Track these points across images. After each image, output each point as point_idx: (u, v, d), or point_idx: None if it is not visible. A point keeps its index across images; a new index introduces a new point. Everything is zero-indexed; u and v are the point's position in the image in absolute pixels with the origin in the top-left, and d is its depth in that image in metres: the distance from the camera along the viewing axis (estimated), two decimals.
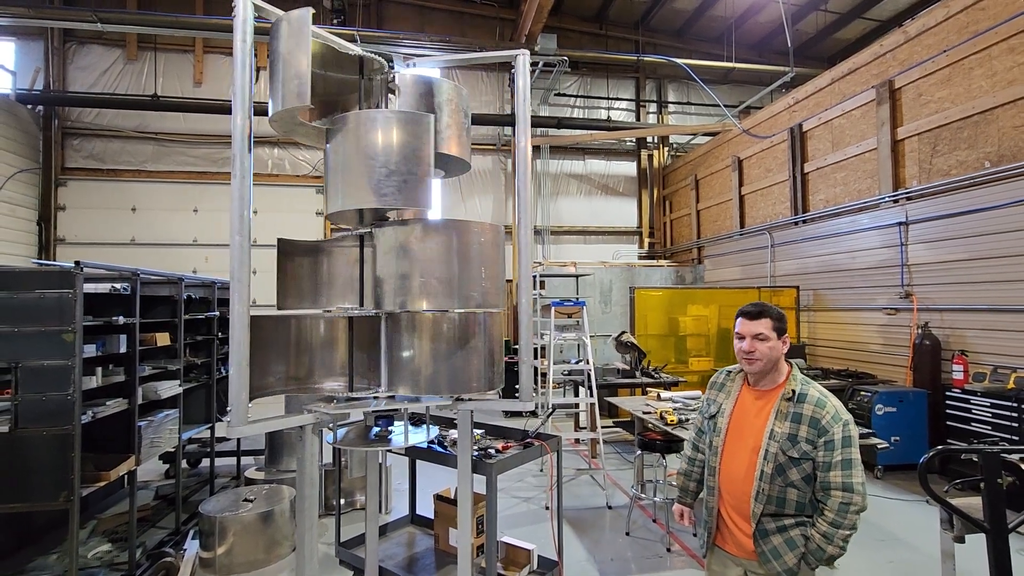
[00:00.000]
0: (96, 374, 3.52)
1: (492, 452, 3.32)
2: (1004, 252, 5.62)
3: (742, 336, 2.17)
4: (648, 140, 13.60)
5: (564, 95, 12.95)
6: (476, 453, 3.21)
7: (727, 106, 11.28)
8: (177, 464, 4.64)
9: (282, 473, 5.15)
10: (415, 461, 4.22)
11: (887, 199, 7.11)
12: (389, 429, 2.49)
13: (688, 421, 4.52)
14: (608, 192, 13.48)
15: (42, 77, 10.55)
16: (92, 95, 10.56)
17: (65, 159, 10.73)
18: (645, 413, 4.91)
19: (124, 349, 3.79)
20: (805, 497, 2.04)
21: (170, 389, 4.31)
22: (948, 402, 5.79)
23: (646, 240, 13.50)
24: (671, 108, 13.80)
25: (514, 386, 3.28)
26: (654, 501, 4.95)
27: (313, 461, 2.21)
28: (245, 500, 4.23)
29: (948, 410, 5.78)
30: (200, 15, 10.78)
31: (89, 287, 3.62)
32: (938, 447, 2.53)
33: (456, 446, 3.26)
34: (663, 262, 12.58)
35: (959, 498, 2.51)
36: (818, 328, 8.38)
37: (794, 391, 2.09)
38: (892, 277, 6.97)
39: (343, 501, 5.05)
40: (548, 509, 5.17)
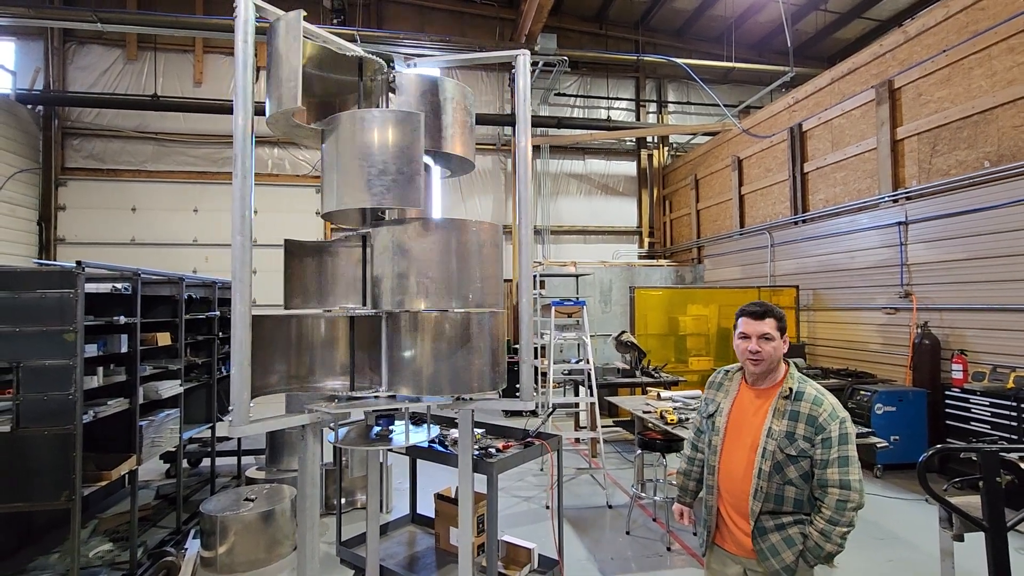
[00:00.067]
0: (97, 374, 3.53)
1: (493, 451, 3.33)
2: (1003, 252, 5.63)
3: (746, 335, 2.15)
4: (648, 140, 13.60)
5: (564, 95, 12.95)
6: (477, 452, 3.21)
7: (727, 106, 11.29)
8: (178, 463, 4.65)
9: (283, 472, 5.16)
10: (416, 460, 4.21)
11: (887, 199, 7.11)
12: (390, 428, 2.49)
13: (688, 420, 4.53)
14: (608, 192, 13.48)
15: (42, 77, 10.55)
16: (92, 95, 10.56)
17: (65, 159, 10.73)
18: (645, 412, 4.92)
19: (125, 349, 3.80)
20: (803, 495, 2.05)
21: (171, 389, 4.32)
22: (947, 401, 5.80)
23: (646, 240, 13.50)
24: (671, 108, 13.80)
25: (514, 385, 3.28)
26: (654, 500, 4.95)
27: (314, 460, 2.22)
28: (246, 499, 4.25)
29: (947, 409, 5.79)
30: (200, 15, 10.77)
31: (90, 287, 3.62)
32: (937, 446, 2.54)
33: (457, 445, 3.28)
34: (663, 262, 12.58)
35: (958, 497, 2.52)
36: (818, 328, 8.39)
37: (791, 389, 2.10)
38: (892, 277, 6.98)
39: (344, 500, 5.06)
40: (548, 508, 5.17)
